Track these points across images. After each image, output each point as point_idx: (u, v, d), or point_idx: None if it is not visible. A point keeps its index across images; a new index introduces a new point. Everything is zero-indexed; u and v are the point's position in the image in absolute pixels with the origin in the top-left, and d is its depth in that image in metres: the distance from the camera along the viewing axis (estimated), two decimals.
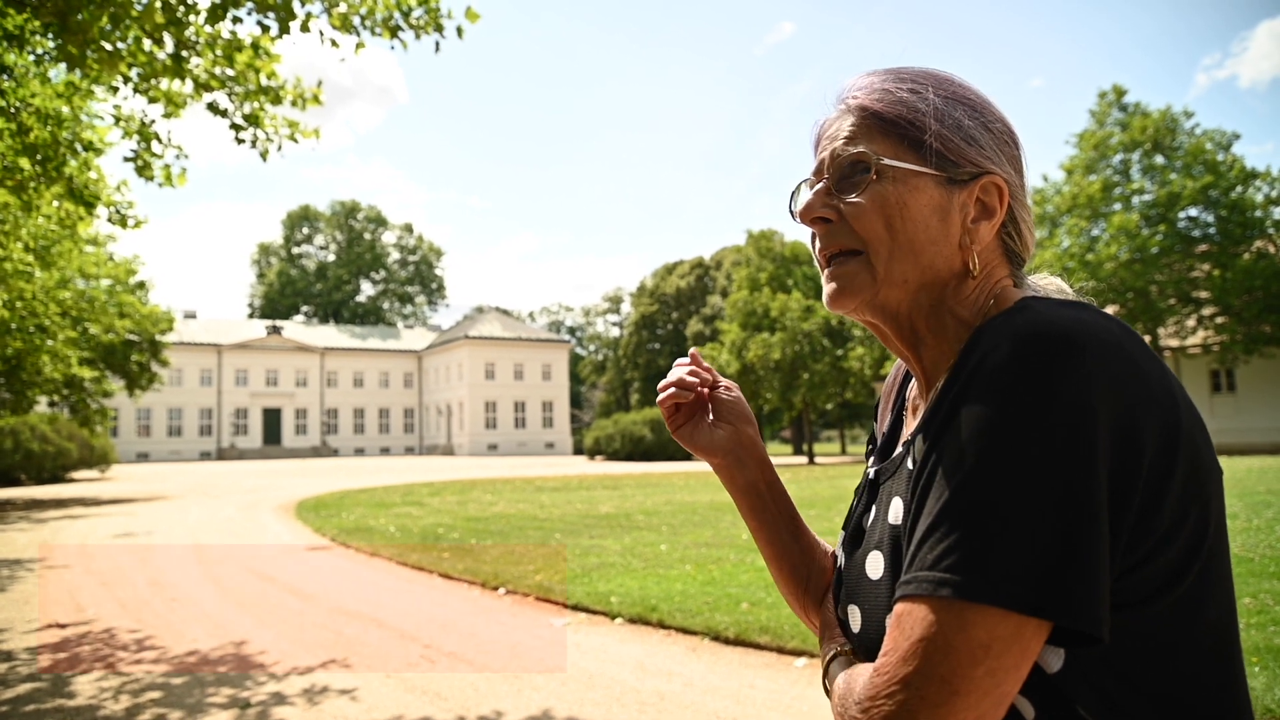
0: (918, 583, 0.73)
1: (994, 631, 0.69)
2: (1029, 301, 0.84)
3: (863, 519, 0.98)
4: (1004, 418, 0.73)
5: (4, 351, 20.79)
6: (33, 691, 5.20)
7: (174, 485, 27.30)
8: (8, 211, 12.29)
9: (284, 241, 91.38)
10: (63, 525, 15.32)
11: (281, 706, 4.77)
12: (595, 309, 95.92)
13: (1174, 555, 0.76)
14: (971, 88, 0.96)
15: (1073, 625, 0.69)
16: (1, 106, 8.82)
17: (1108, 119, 33.53)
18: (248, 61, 7.90)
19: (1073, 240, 33.01)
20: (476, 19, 7.68)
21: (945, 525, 0.73)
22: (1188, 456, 0.77)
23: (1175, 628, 0.76)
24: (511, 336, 68.61)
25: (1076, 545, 0.69)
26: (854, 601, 0.94)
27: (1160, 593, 0.75)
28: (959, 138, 0.91)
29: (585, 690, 4.94)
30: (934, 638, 0.70)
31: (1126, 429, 0.73)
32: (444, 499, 18.86)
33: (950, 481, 0.74)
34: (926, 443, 0.81)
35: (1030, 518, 0.70)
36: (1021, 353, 0.74)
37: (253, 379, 66.33)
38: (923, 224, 0.90)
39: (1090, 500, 0.70)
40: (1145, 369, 0.76)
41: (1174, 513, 0.76)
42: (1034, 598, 0.69)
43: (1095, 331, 0.76)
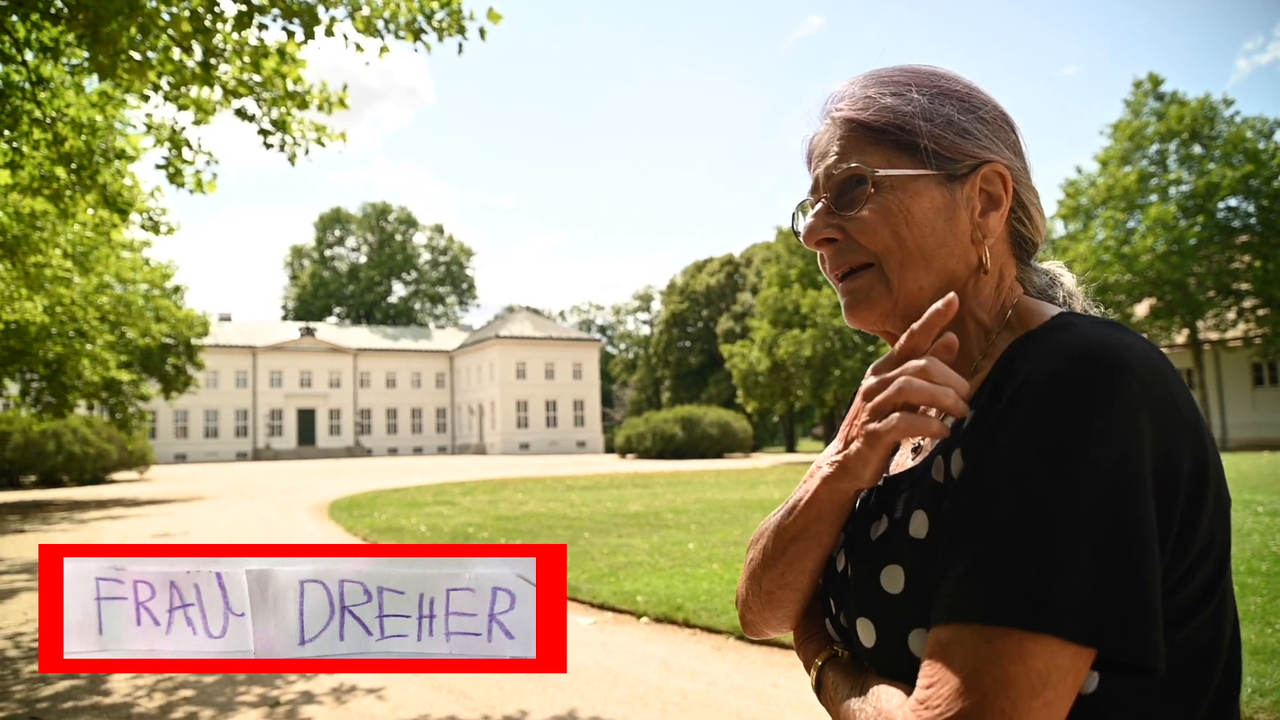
0: (969, 609, 0.70)
1: (1052, 661, 0.67)
2: (1069, 318, 0.83)
3: (870, 526, 0.92)
4: (1056, 442, 0.71)
5: (45, 356, 21.21)
6: (71, 689, 5.32)
7: (210, 486, 27.73)
8: (46, 219, 12.53)
9: (316, 244, 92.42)
10: (103, 525, 15.62)
11: (310, 705, 4.84)
12: (625, 307, 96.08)
13: (1205, 576, 0.76)
14: (956, 78, 0.95)
15: (1134, 659, 0.67)
16: (38, 117, 9.00)
17: (1143, 109, 33.05)
18: (274, 67, 8.00)
19: (1108, 233, 32.57)
20: (499, 20, 7.72)
21: (999, 551, 0.70)
22: (1215, 480, 0.77)
23: (1202, 648, 0.77)
24: (542, 336, 68.86)
25: (1135, 575, 0.68)
26: (865, 614, 0.89)
27: (1192, 614, 0.76)
28: (951, 133, 0.90)
29: (609, 689, 4.96)
30: (990, 669, 0.67)
31: (1167, 454, 0.73)
32: (475, 498, 18.99)
33: (1002, 506, 0.72)
34: (966, 461, 0.79)
35: (1086, 546, 0.68)
36: (1071, 374, 0.73)
37: (287, 380, 67.15)
38: (929, 227, 0.89)
39: (1144, 528, 0.69)
40: (1179, 396, 0.76)
41: (1203, 540, 0.76)
42: (1095, 627, 0.67)
43: (1138, 356, 0.75)
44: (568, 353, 69.62)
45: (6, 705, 5.07)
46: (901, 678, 0.81)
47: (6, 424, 28.67)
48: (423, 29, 7.73)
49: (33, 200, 10.54)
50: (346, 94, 8.59)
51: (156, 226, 10.46)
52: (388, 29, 7.70)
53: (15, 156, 9.26)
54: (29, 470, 29.58)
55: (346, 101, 8.62)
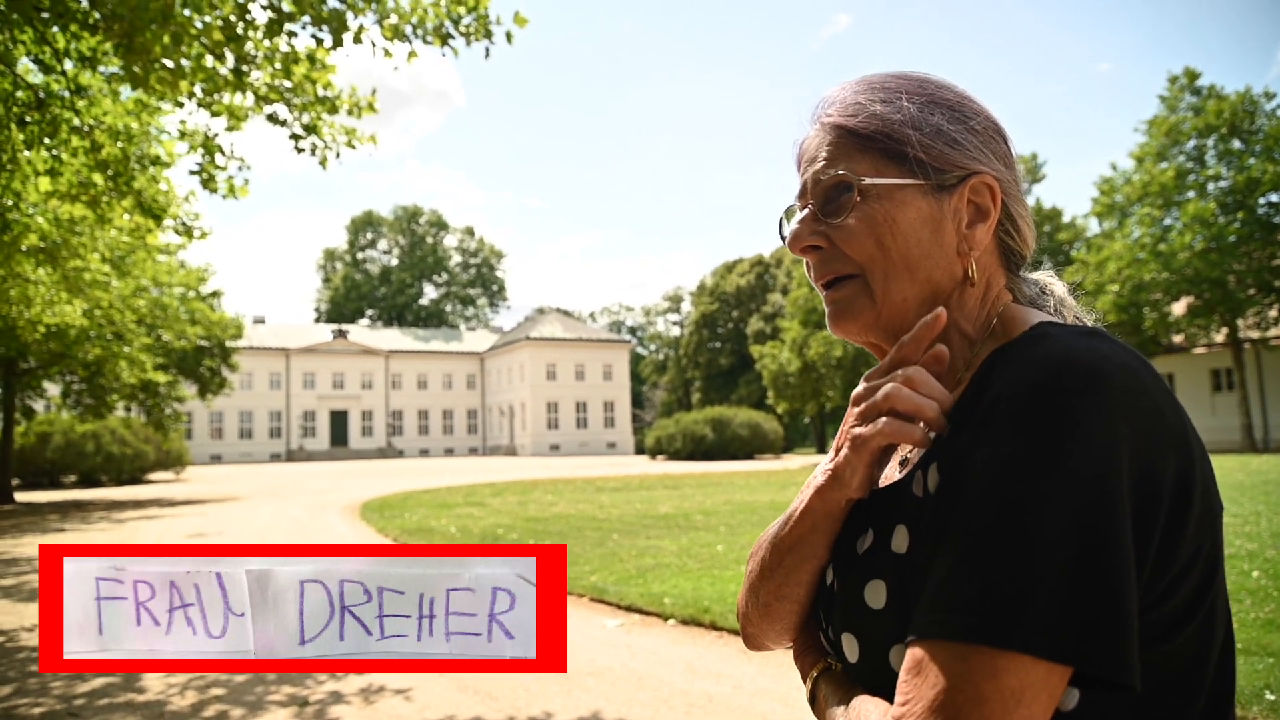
0: (942, 625, 0.69)
1: (1026, 679, 0.66)
2: (1046, 328, 0.81)
3: (857, 541, 0.90)
4: (1031, 456, 0.70)
5: (84, 358, 21.62)
6: (106, 686, 5.41)
7: (245, 486, 28.10)
8: (84, 224, 12.78)
9: (348, 247, 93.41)
10: (140, 525, 15.87)
11: (338, 705, 4.88)
12: (655, 308, 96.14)
13: (1187, 594, 0.74)
14: (949, 86, 0.94)
15: (1108, 676, 0.66)
16: (76, 125, 9.18)
17: (1180, 104, 32.48)
18: (304, 73, 8.09)
19: (1144, 230, 32.07)
20: (525, 24, 7.76)
21: (972, 567, 0.69)
22: (1201, 491, 0.75)
23: (1189, 661, 0.75)
24: (572, 337, 69.07)
25: (1110, 590, 0.67)
26: (849, 630, 0.89)
27: (1176, 629, 0.74)
28: (941, 142, 0.89)
29: (634, 691, 4.97)
30: (963, 686, 0.66)
31: (1148, 466, 0.71)
32: (505, 499, 19.08)
33: (975, 521, 0.71)
34: (941, 474, 0.78)
35: (1060, 562, 0.67)
36: (1046, 387, 0.72)
37: (320, 382, 67.89)
38: (915, 238, 0.88)
39: (1120, 542, 0.68)
40: (1162, 403, 0.74)
41: (1190, 547, 0.74)
42: (1068, 645, 0.66)
43: (1118, 365, 0.73)
44: (598, 354, 69.75)
45: (45, 701, 5.18)
46: (884, 693, 0.80)
47: (47, 425, 29.26)
48: (450, 34, 7.78)
49: (71, 206, 10.75)
50: (375, 98, 8.68)
51: (190, 231, 10.63)
52: (415, 34, 7.77)
53: (55, 164, 9.44)
54: (69, 470, 30.17)
55: (376, 105, 8.71)
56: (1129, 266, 31.65)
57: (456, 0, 7.66)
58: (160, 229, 10.55)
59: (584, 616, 7.04)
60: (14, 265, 13.15)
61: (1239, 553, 7.97)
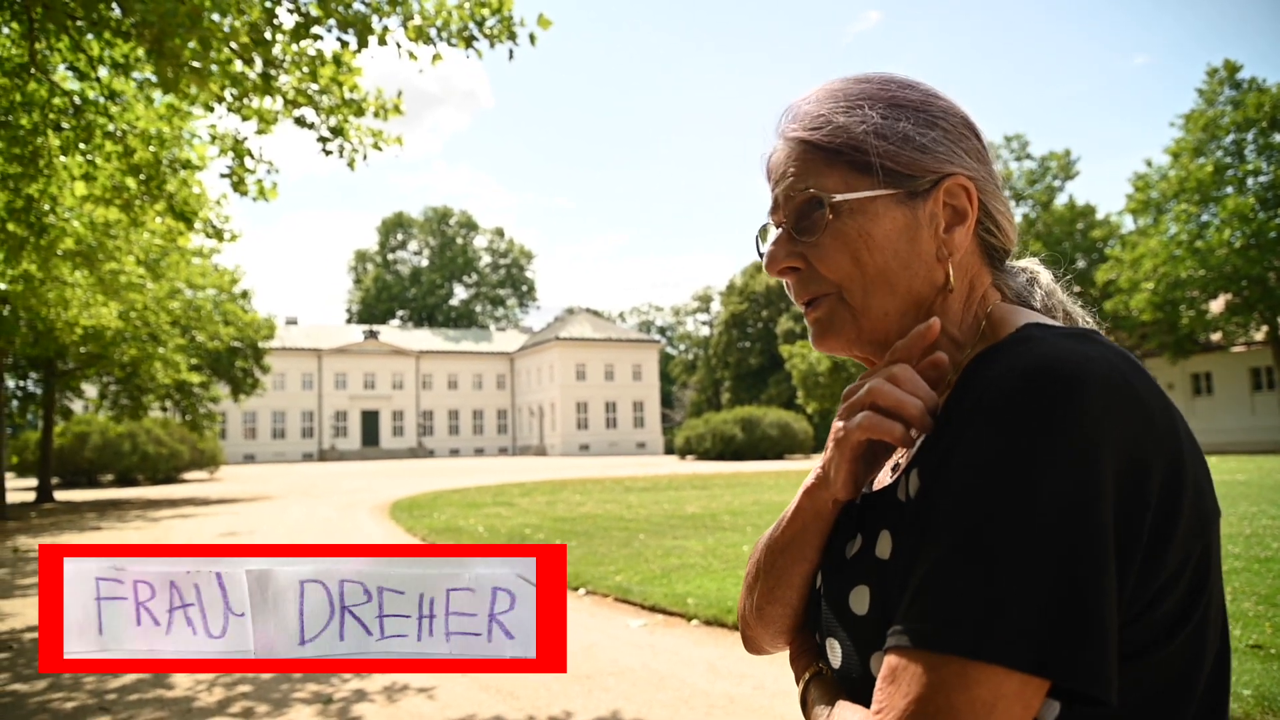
0: (916, 634, 0.69)
1: (998, 690, 0.65)
2: (1030, 330, 0.80)
3: (846, 545, 0.90)
4: (1007, 462, 0.69)
5: (121, 359, 21.97)
6: (137, 682, 5.50)
7: (277, 486, 28.41)
8: (119, 227, 12.99)
9: (379, 247, 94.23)
10: (174, 524, 16.11)
11: (362, 703, 4.93)
12: (685, 308, 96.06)
13: (1178, 599, 0.72)
14: (913, 85, 0.91)
15: (1082, 688, 0.65)
16: (110, 130, 9.34)
17: (1218, 97, 31.93)
18: (331, 76, 8.17)
19: (1180, 227, 31.57)
20: (549, 25, 7.79)
21: (946, 575, 0.69)
22: (1192, 497, 0.73)
23: (1176, 676, 0.73)
24: (602, 337, 69.18)
25: (1085, 601, 0.65)
26: (833, 635, 0.88)
27: (1165, 639, 0.72)
28: (909, 148, 0.86)
29: (655, 692, 4.96)
30: (934, 697, 0.66)
31: (1133, 472, 0.70)
32: (534, 499, 19.14)
33: (951, 528, 0.70)
34: (922, 480, 0.77)
35: (1036, 571, 0.66)
36: (1025, 391, 0.71)
37: (351, 382, 68.50)
38: (891, 250, 0.86)
39: (1099, 552, 0.67)
40: (1151, 406, 0.72)
41: (1179, 555, 0.72)
42: (1041, 656, 0.65)
43: (1102, 368, 0.72)
44: (627, 354, 69.82)
45: (78, 695, 5.27)
46: (866, 700, 0.79)
47: (85, 425, 29.77)
48: (474, 36, 7.82)
49: (105, 210, 10.94)
50: (401, 100, 8.74)
51: (220, 234, 10.77)
52: (440, 36, 7.82)
53: (90, 168, 9.61)
54: (106, 470, 30.68)
55: (402, 107, 8.77)
56: (1165, 264, 31.18)
57: (480, 3, 7.70)
58: (191, 231, 10.70)
59: (608, 616, 7.05)
60: (51, 268, 13.39)
61: (1277, 556, 7.83)
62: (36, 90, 8.90)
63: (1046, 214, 39.09)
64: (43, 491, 23.32)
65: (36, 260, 12.34)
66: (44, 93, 8.98)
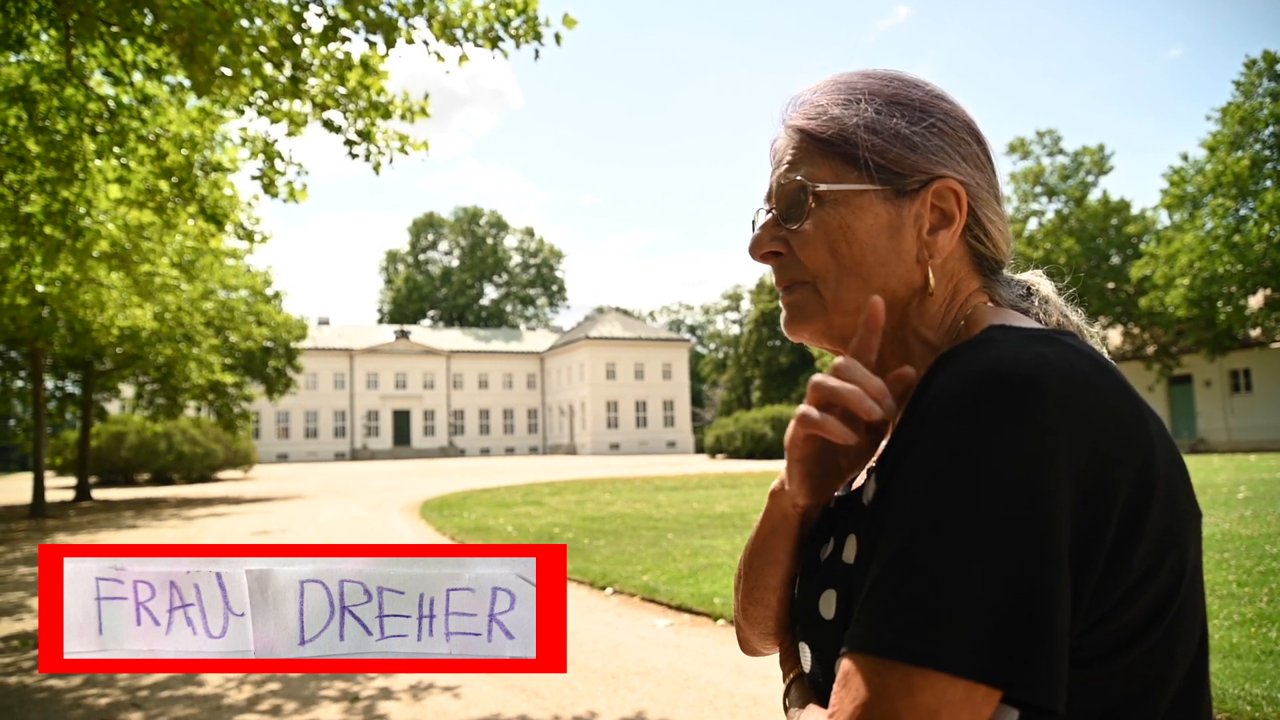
0: (864, 639, 0.69)
1: (942, 697, 0.64)
2: (994, 333, 0.78)
3: (820, 549, 0.89)
4: (956, 467, 0.68)
5: (156, 360, 22.32)
6: (168, 679, 5.58)
7: (309, 485, 28.73)
8: (152, 230, 13.19)
9: (410, 248, 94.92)
10: (208, 523, 16.33)
11: (388, 701, 4.97)
12: (715, 307, 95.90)
13: (1144, 606, 0.71)
14: (918, 84, 0.90)
15: (1026, 697, 0.65)
16: (143, 134, 9.48)
17: (1256, 90, 31.31)
18: (359, 79, 8.24)
19: (1217, 222, 30.98)
20: (574, 25, 7.80)
21: (894, 581, 0.68)
22: (1164, 501, 0.71)
23: (1141, 684, 0.71)
24: (632, 336, 69.21)
25: (1031, 608, 0.65)
26: (805, 638, 0.89)
27: (1127, 646, 0.71)
28: (900, 145, 0.85)
29: (680, 692, 4.96)
30: (879, 702, 0.66)
31: (1094, 476, 0.68)
32: (563, 498, 19.19)
33: (901, 533, 0.70)
34: (878, 484, 0.77)
35: (980, 578, 0.65)
36: (976, 395, 0.70)
37: (383, 382, 69.05)
38: (870, 245, 0.86)
39: (1048, 559, 0.66)
40: (1117, 408, 0.71)
41: (1146, 561, 0.70)
42: (985, 664, 0.64)
43: (1061, 371, 0.70)
44: (657, 353, 69.81)
45: (111, 691, 5.36)
46: None
47: (122, 425, 30.27)
48: (500, 36, 7.85)
49: (139, 213, 11.11)
50: (428, 103, 8.79)
51: (251, 235, 10.90)
52: (466, 37, 7.85)
53: (124, 171, 9.77)
54: (142, 469, 31.21)
55: (428, 110, 8.82)
56: (1201, 259, 30.64)
57: (506, 3, 7.72)
58: (222, 233, 10.83)
59: (635, 616, 7.05)
60: (88, 270, 13.62)
61: None
62: (73, 95, 9.06)
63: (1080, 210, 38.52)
64: (81, 490, 23.76)
65: (73, 262, 12.57)
66: (80, 97, 9.14)
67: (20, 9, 7.65)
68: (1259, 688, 4.21)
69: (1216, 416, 36.33)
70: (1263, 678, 4.38)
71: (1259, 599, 6.16)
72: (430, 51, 7.83)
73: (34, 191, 10.07)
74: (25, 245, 11.21)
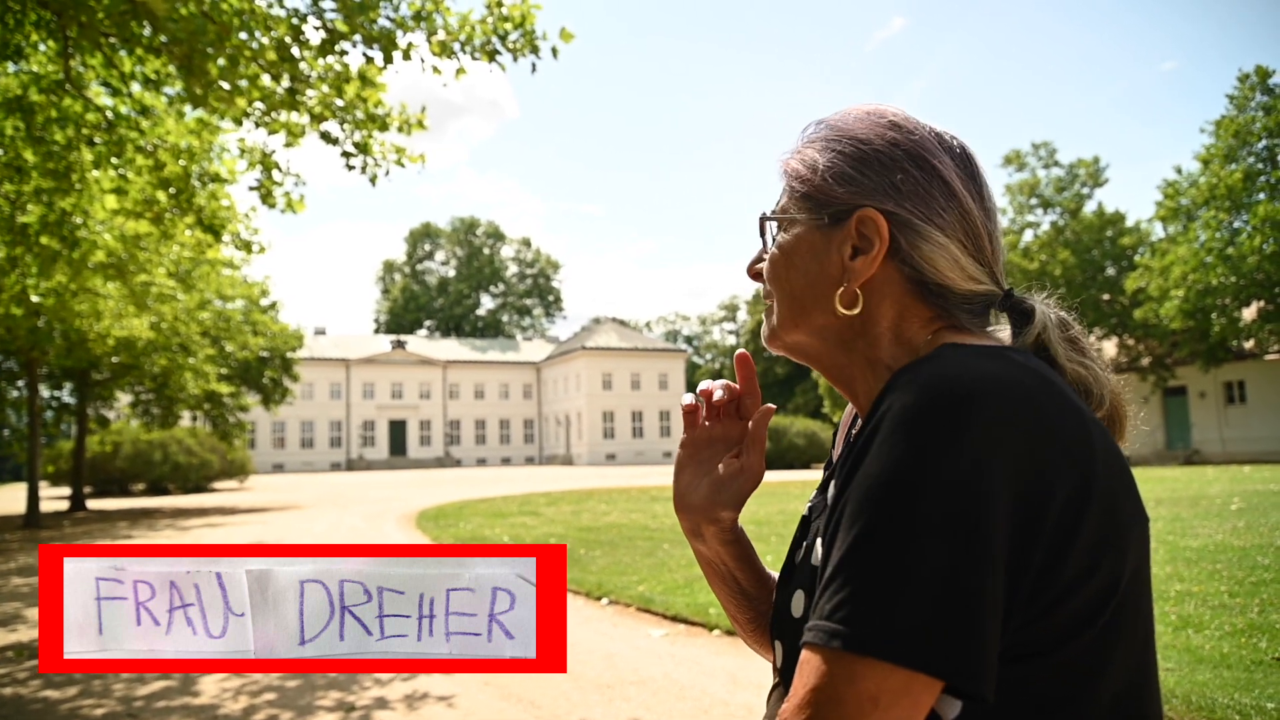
0: (814, 631, 0.75)
1: (882, 684, 0.70)
2: (943, 350, 0.84)
3: (795, 553, 0.99)
4: (899, 471, 0.74)
5: (152, 369, 22.28)
6: (164, 689, 5.57)
7: (305, 495, 28.63)
8: (149, 240, 13.20)
9: (407, 258, 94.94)
10: (203, 533, 16.28)
11: (383, 711, 4.95)
12: (711, 317, 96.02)
13: (1079, 606, 0.75)
14: (878, 117, 0.94)
15: (956, 683, 0.70)
16: (141, 145, 9.50)
17: (1249, 103, 31.52)
18: (356, 92, 8.26)
19: (1210, 234, 31.14)
20: (570, 39, 7.84)
21: (841, 576, 0.74)
22: (1103, 507, 0.76)
23: (1075, 681, 0.76)
24: (628, 347, 69.22)
25: (965, 604, 0.70)
26: (779, 637, 0.97)
27: (1061, 643, 0.75)
28: (831, 178, 0.93)
29: (675, 701, 4.95)
30: (825, 688, 0.72)
31: (1029, 483, 0.74)
32: (559, 509, 19.16)
33: (848, 532, 0.75)
34: (837, 490, 0.82)
35: (918, 573, 0.71)
36: (920, 406, 0.75)
37: (379, 392, 68.95)
38: (801, 270, 0.95)
39: (981, 559, 0.71)
40: (1056, 421, 0.76)
41: (1082, 562, 0.75)
42: (918, 653, 0.70)
43: (1002, 384, 0.76)
44: (654, 363, 69.82)
45: (107, 702, 5.34)
46: None
47: (117, 435, 30.19)
48: (497, 50, 7.88)
49: (136, 223, 11.12)
50: (425, 115, 8.82)
51: (249, 246, 10.90)
52: (463, 50, 7.88)
53: (121, 182, 9.79)
54: (138, 479, 31.12)
55: (425, 123, 8.85)
56: (1195, 271, 30.77)
57: (504, 17, 7.76)
58: (220, 244, 10.84)
59: (630, 626, 7.04)
60: (84, 280, 13.62)
61: None
62: (71, 106, 9.07)
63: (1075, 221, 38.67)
64: (76, 500, 23.68)
65: (69, 273, 12.56)
66: (78, 108, 9.15)
67: (19, 20, 7.66)
68: (1248, 697, 4.22)
69: (1211, 428, 36.40)
70: (1252, 687, 4.39)
71: (1250, 609, 6.18)
72: (427, 66, 7.87)
73: (31, 201, 10.08)
74: (21, 255, 11.22)
